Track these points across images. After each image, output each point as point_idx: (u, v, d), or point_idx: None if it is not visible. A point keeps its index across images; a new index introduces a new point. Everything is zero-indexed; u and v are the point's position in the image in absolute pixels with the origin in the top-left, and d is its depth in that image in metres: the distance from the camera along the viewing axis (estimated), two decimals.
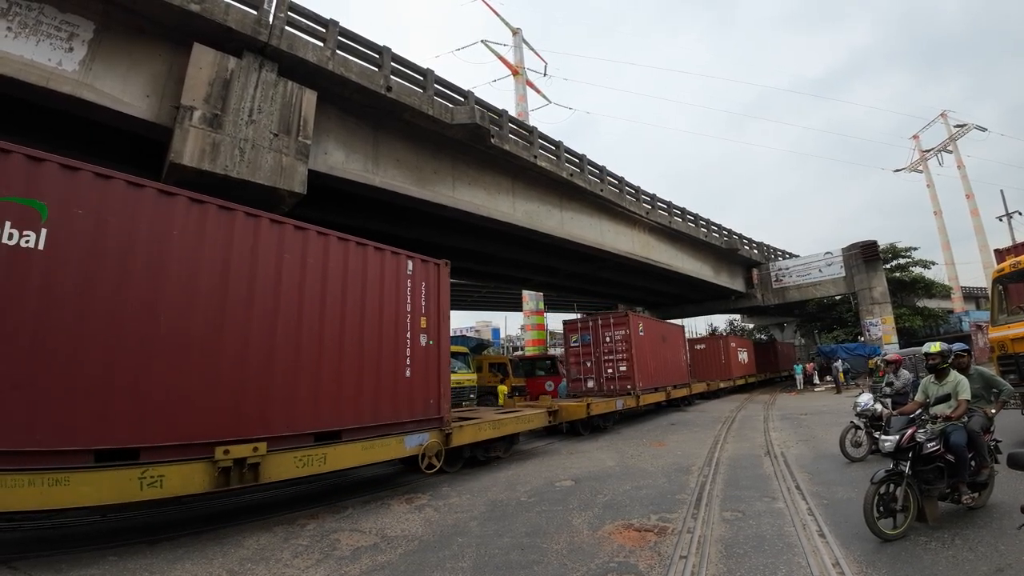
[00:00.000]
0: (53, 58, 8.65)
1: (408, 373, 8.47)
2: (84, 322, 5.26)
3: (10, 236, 4.91)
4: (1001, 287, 9.41)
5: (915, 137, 69.23)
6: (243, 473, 6.15)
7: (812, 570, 4.42)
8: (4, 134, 10.21)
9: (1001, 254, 12.94)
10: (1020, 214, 30.61)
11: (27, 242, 5.01)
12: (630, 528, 5.86)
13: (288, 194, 10.54)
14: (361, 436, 7.54)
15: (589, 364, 17.82)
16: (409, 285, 8.80)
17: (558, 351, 42.15)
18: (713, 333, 56.04)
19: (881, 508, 4.93)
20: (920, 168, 67.99)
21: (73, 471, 4.99)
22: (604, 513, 6.51)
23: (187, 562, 5.18)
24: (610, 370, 17.25)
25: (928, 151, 66.84)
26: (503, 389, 18.96)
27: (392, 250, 8.58)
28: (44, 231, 5.11)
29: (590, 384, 17.63)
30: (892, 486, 5.03)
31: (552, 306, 47.90)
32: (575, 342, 18.54)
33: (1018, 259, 9.30)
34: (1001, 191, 31.13)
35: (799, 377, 29.77)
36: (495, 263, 22.92)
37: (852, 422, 9.19)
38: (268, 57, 10.48)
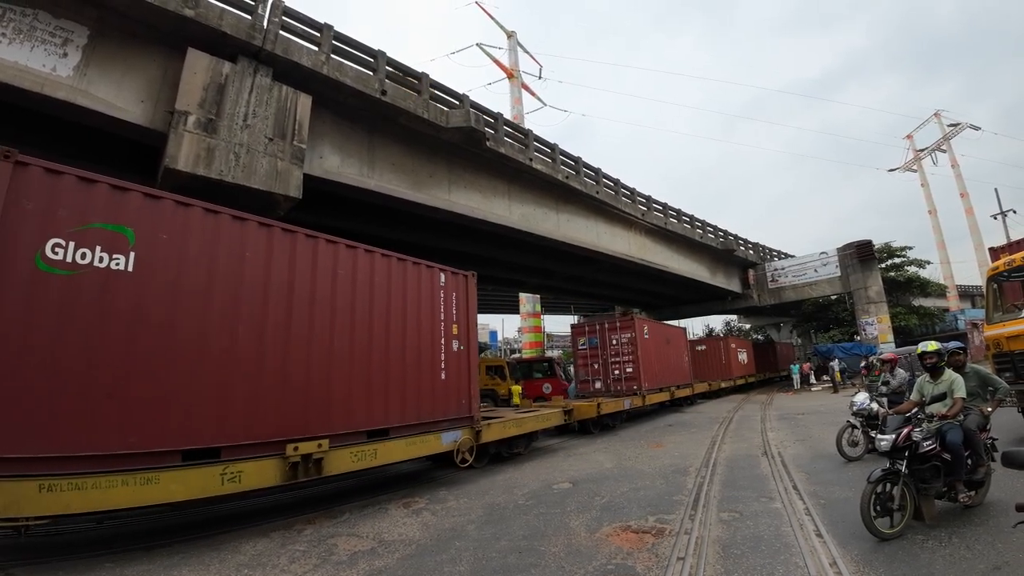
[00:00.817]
0: (47, 64, 8.63)
1: (443, 376, 9.29)
2: (172, 336, 5.85)
3: (100, 259, 5.45)
4: (996, 285, 9.44)
5: (909, 137, 69.73)
6: (308, 467, 6.83)
7: (809, 570, 4.42)
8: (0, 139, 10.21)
9: (996, 252, 13.03)
10: (1015, 212, 30.80)
11: (117, 264, 5.56)
12: (628, 530, 5.86)
13: (283, 198, 10.53)
14: (406, 433, 8.36)
15: (597, 366, 18.54)
16: (442, 296, 9.63)
17: (555, 352, 42.13)
18: (710, 334, 56.16)
19: (878, 507, 4.94)
20: (914, 167, 68.41)
21: (163, 470, 5.53)
22: (602, 515, 6.51)
23: (184, 568, 5.16)
24: (617, 371, 18.03)
25: (922, 150, 67.24)
26: (517, 390, 19.09)
27: (427, 264, 9.42)
28: (132, 254, 5.67)
29: (598, 385, 18.29)
30: (889, 485, 5.04)
31: (549, 308, 47.92)
32: (583, 345, 19.21)
33: (1013, 257, 9.33)
34: (995, 189, 31.31)
35: (796, 377, 29.85)
36: (492, 266, 22.95)
37: (849, 421, 9.21)
38: (263, 62, 10.48)
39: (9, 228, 4.99)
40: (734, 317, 60.24)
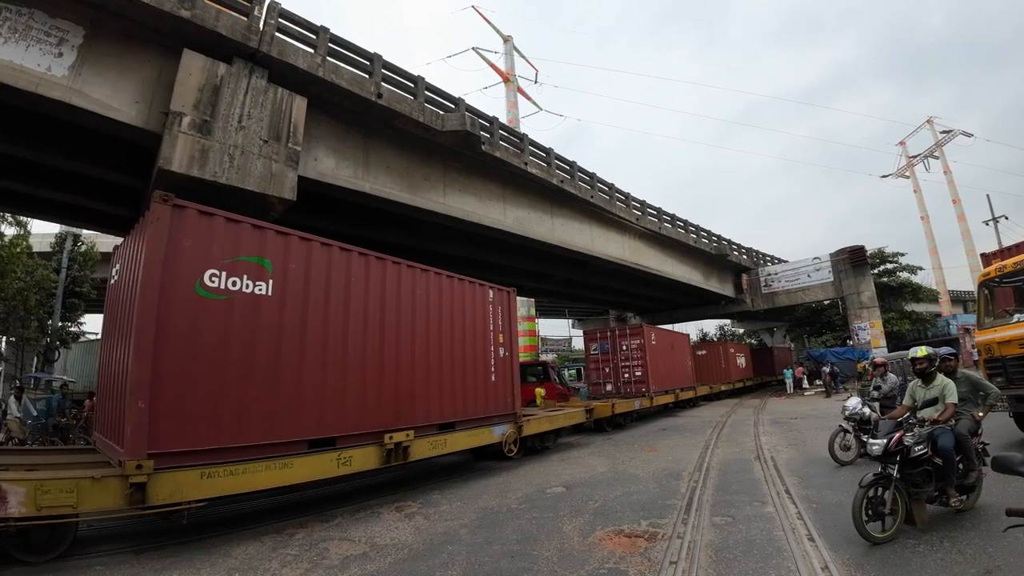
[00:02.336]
0: (43, 63, 8.60)
1: (493, 378, 10.82)
2: (302, 348, 7.12)
3: (247, 286, 6.62)
4: (987, 291, 9.50)
5: (902, 143, 70.11)
6: (398, 453, 8.28)
7: (801, 574, 4.43)
8: None
9: (988, 258, 13.09)
10: (1007, 218, 30.97)
11: (260, 290, 6.76)
12: (621, 534, 5.86)
13: (278, 200, 10.50)
14: (467, 427, 9.95)
15: (607, 369, 20.11)
16: (490, 309, 11.10)
17: (550, 356, 42.09)
18: (704, 338, 56.27)
19: (870, 511, 4.96)
20: (907, 174, 68.80)
21: (295, 456, 6.81)
22: (595, 519, 6.51)
23: (174, 572, 5.13)
24: (627, 375, 19.55)
25: (915, 157, 67.62)
26: (540, 392, 19.23)
27: (480, 283, 10.97)
28: (271, 281, 6.88)
29: (608, 387, 19.88)
30: (880, 489, 5.05)
31: (544, 312, 47.94)
32: (595, 350, 20.80)
33: (1004, 263, 9.41)
34: (987, 196, 31.50)
35: (789, 381, 29.95)
36: (486, 269, 22.90)
37: (841, 426, 9.24)
38: (258, 63, 10.47)
39: (173, 261, 6.00)
40: (728, 321, 60.45)
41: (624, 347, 19.74)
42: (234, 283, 6.48)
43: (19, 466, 5.90)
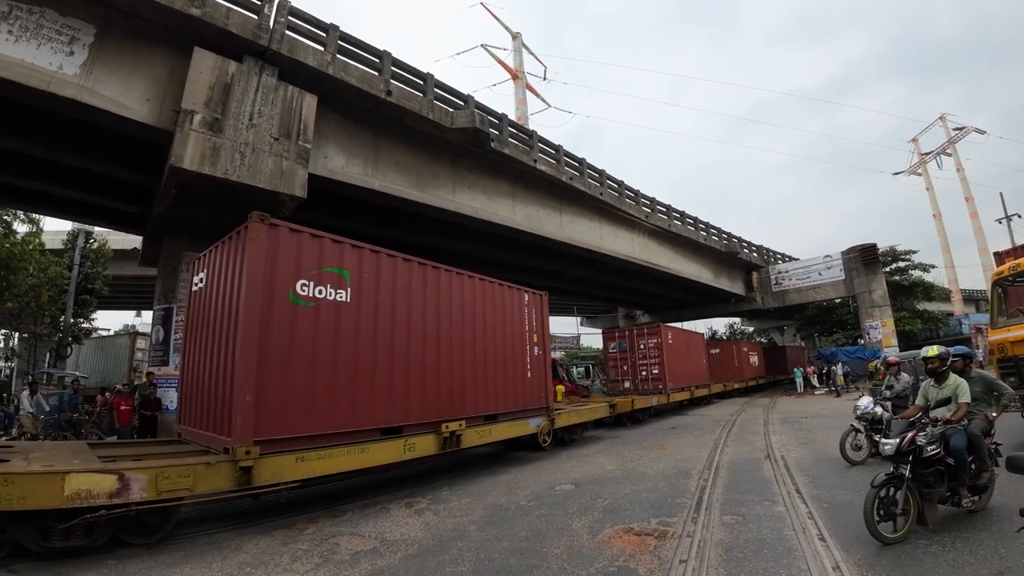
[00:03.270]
0: (54, 62, 8.68)
1: (529, 375, 11.59)
2: (375, 348, 7.95)
3: (330, 294, 7.41)
4: (1001, 290, 9.40)
5: (914, 140, 69.43)
6: (452, 441, 9.05)
7: (812, 574, 4.41)
8: (5, 136, 10.28)
9: (1001, 257, 12.98)
10: (1020, 217, 30.58)
11: (341, 297, 7.54)
12: (630, 532, 5.85)
13: (288, 198, 10.56)
14: (508, 418, 10.78)
15: (626, 367, 20.77)
16: (526, 312, 11.83)
17: (558, 354, 42.08)
18: (714, 337, 56.00)
19: (881, 511, 4.92)
20: (919, 171, 68.17)
21: (370, 443, 7.66)
22: (604, 517, 6.50)
23: (186, 566, 5.17)
24: (644, 372, 20.28)
25: (927, 154, 66.99)
26: (560, 389, 19.36)
27: (517, 287, 11.72)
28: (349, 289, 7.67)
29: (627, 384, 20.54)
30: (892, 489, 5.01)
31: (553, 310, 47.78)
32: (614, 348, 21.49)
33: (1017, 262, 9.29)
34: (1000, 194, 31.13)
35: (799, 380, 29.77)
36: (497, 267, 22.91)
37: (852, 425, 9.17)
38: (268, 61, 10.52)
39: (271, 273, 6.75)
40: (738, 320, 60.12)
41: (642, 346, 20.45)
42: (320, 291, 7.30)
43: (124, 457, 6.61)
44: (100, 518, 5.30)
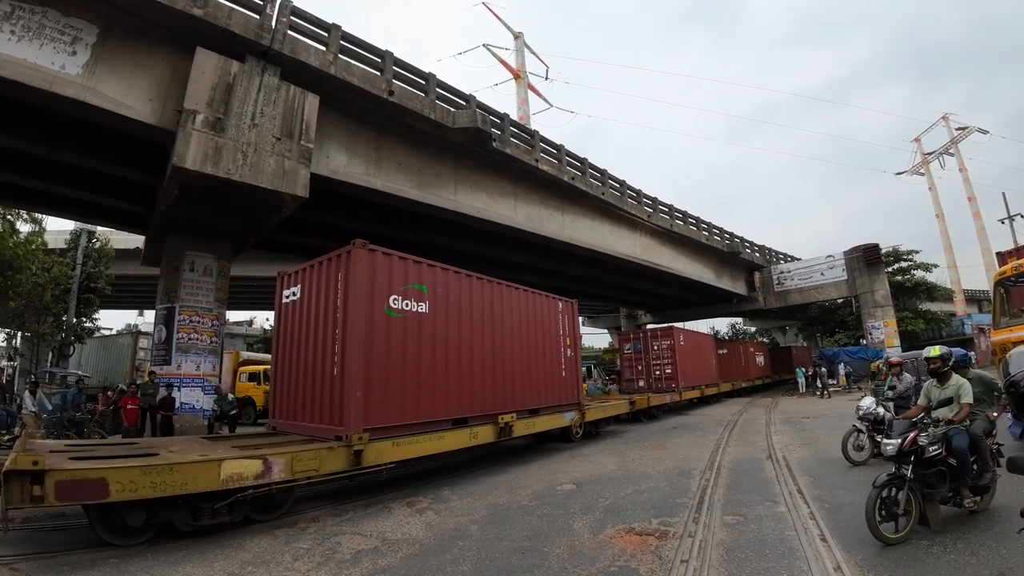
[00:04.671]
0: (56, 61, 8.69)
1: (563, 374, 12.96)
2: (447, 351, 9.29)
3: (414, 307, 8.74)
4: (1003, 290, 9.39)
5: (917, 140, 69.25)
6: (506, 430, 10.44)
7: (813, 574, 4.41)
8: (7, 136, 10.30)
9: (1003, 257, 12.94)
10: (1022, 217, 30.50)
11: (421, 309, 8.88)
12: (631, 532, 5.85)
13: (290, 198, 10.57)
14: (547, 412, 12.13)
15: (640, 367, 22.09)
16: (560, 318, 13.20)
17: None
18: (716, 336, 55.91)
19: (883, 512, 4.91)
20: (922, 171, 67.98)
21: (445, 431, 9.10)
22: (605, 517, 6.50)
23: (187, 565, 5.18)
24: (657, 372, 21.58)
25: (930, 154, 66.81)
26: (584, 387, 19.57)
27: (553, 296, 13.13)
28: (427, 302, 8.99)
29: (641, 383, 21.78)
30: (894, 490, 5.00)
31: None
32: (628, 349, 22.96)
33: (1020, 262, 9.29)
34: (1003, 194, 31.00)
35: (801, 381, 29.70)
36: (499, 267, 22.88)
37: (854, 425, 9.15)
38: (271, 61, 10.53)
39: (371, 290, 8.01)
40: (739, 320, 60.06)
41: (655, 347, 21.78)
42: (406, 304, 8.61)
43: (248, 446, 7.51)
44: (247, 497, 6.27)
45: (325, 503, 7.81)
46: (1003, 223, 31.03)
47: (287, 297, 9.39)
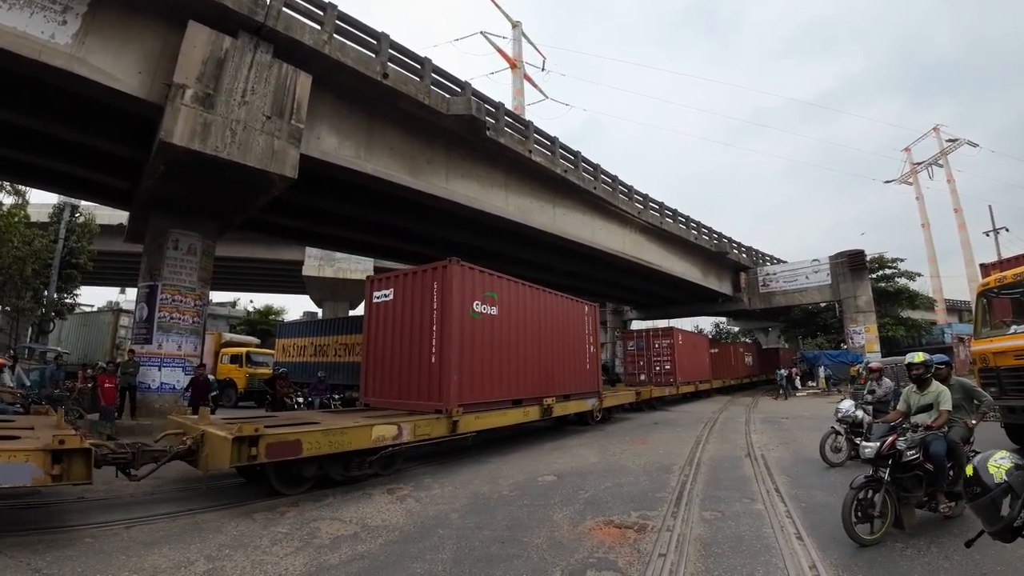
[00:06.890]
0: (46, 31, 8.50)
1: (587, 366, 14.98)
2: (511, 346, 11.38)
3: (488, 310, 10.73)
4: (985, 301, 9.49)
5: (907, 150, 69.98)
6: (547, 411, 12.47)
7: (789, 572, 4.45)
8: None
9: (987, 268, 13.06)
10: (1007, 231, 31.00)
11: (493, 312, 10.84)
12: (611, 525, 5.88)
13: (279, 178, 10.44)
14: (576, 397, 14.12)
15: (642, 363, 24.51)
16: (585, 319, 15.19)
17: None
18: (709, 338, 56.25)
19: (859, 513, 4.97)
20: (910, 180, 68.67)
21: (507, 409, 11.18)
22: (585, 509, 6.53)
23: (164, 546, 5.12)
24: (658, 368, 24.00)
25: (919, 164, 67.48)
26: None
27: (579, 300, 15.20)
28: (497, 307, 10.96)
29: (642, 377, 24.00)
30: (871, 492, 5.06)
31: None
32: (631, 347, 25.60)
33: (1004, 274, 9.38)
34: (989, 207, 31.53)
35: (781, 382, 29.95)
36: (490, 258, 22.80)
37: (833, 427, 9.26)
38: (264, 38, 10.36)
39: (460, 297, 9.88)
40: (724, 319, 60.48)
41: (656, 345, 24.25)
42: (484, 308, 10.59)
43: (371, 416, 9.29)
44: (387, 454, 8.12)
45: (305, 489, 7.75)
46: (988, 236, 31.52)
47: (378, 298, 11.09)
